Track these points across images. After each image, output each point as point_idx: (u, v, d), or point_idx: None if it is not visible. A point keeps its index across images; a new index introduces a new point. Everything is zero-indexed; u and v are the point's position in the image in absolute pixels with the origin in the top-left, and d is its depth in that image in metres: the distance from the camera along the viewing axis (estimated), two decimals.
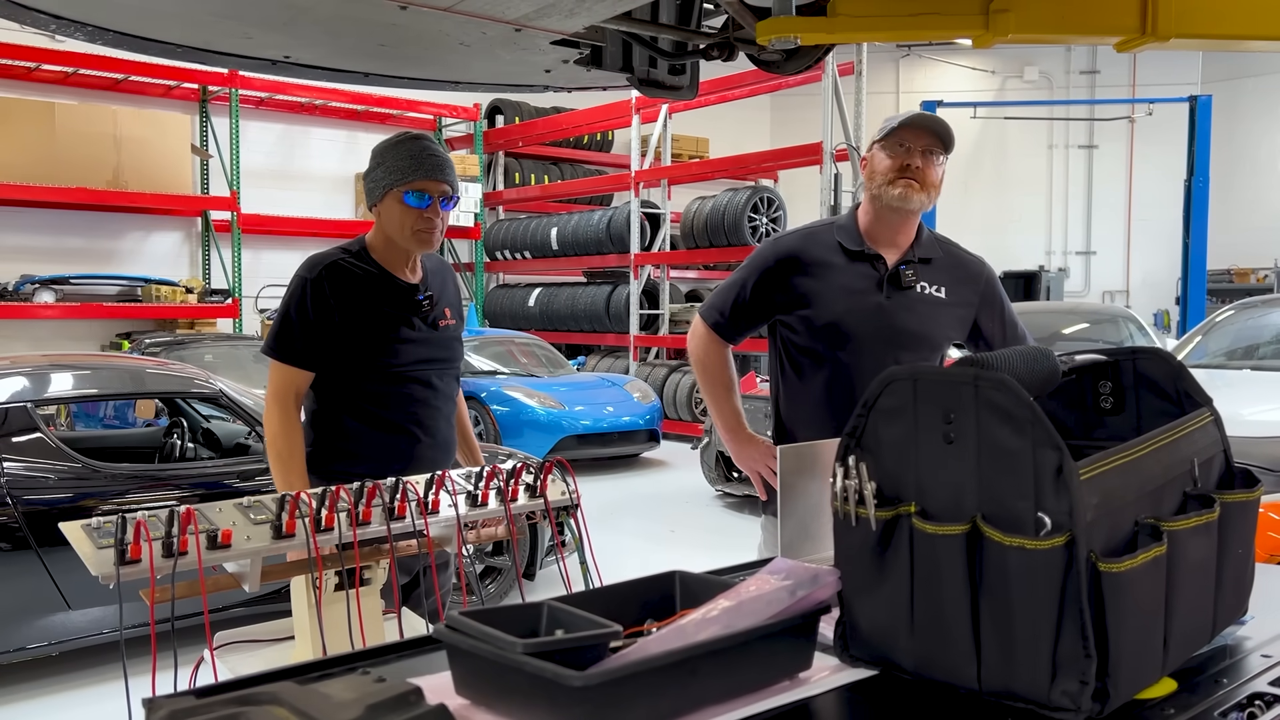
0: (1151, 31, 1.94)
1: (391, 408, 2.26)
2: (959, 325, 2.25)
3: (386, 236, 2.30)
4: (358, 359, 2.24)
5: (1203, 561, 0.91)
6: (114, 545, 1.55)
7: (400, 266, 2.32)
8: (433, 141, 2.36)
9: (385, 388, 2.25)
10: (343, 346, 2.22)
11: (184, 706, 0.85)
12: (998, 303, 2.30)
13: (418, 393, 2.28)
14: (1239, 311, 7.54)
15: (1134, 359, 1.09)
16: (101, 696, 3.89)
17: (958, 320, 2.24)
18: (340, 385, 2.26)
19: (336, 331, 2.21)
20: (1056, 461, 0.80)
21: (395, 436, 2.25)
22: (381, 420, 2.24)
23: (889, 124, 2.18)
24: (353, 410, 2.25)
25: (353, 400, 2.25)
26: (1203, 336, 7.25)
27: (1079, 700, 0.81)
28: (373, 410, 2.25)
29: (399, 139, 2.32)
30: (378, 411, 2.25)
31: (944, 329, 2.22)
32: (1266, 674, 0.93)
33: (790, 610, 0.92)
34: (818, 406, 2.20)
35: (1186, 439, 0.97)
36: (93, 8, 2.03)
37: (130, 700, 1.48)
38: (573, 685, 0.76)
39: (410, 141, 2.30)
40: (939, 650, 0.87)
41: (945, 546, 0.85)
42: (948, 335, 2.23)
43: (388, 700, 0.84)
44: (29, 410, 4.07)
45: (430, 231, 2.26)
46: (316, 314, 2.20)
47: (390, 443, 2.25)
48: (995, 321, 2.28)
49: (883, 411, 0.92)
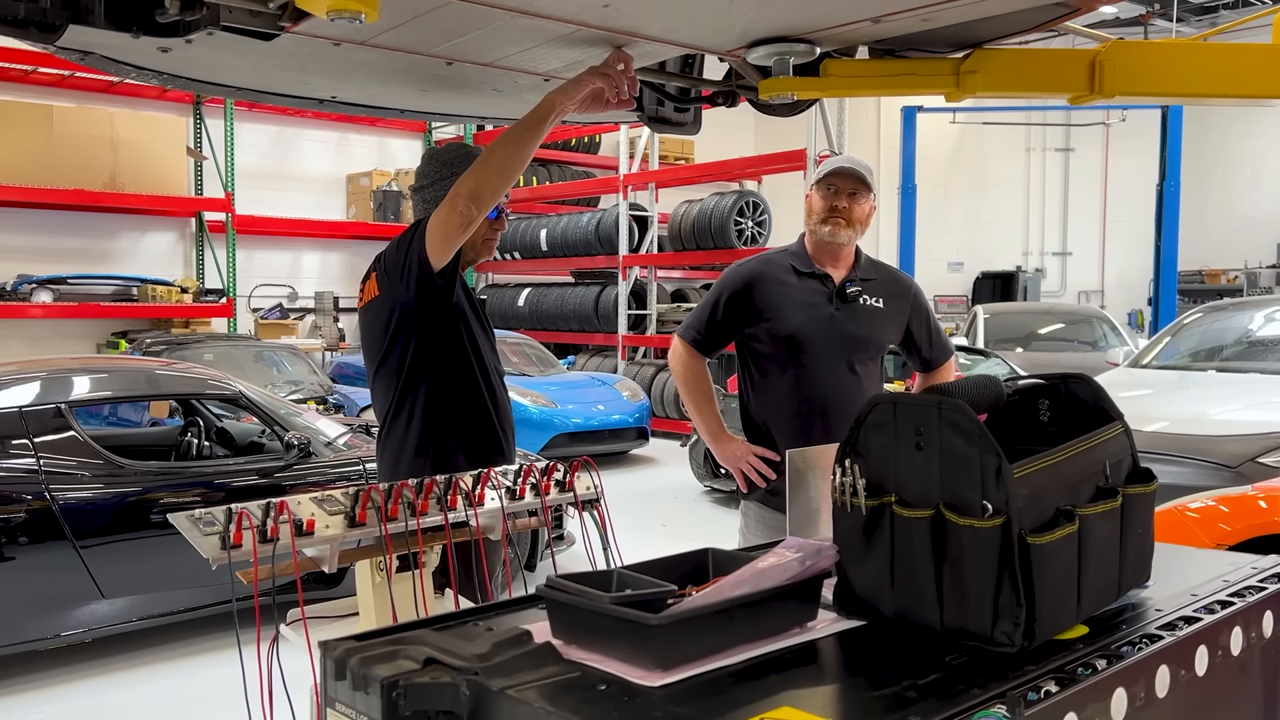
0: (1099, 90, 2.26)
1: (480, 408, 2.41)
2: (896, 331, 2.71)
3: None
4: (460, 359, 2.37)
5: (1107, 538, 1.22)
6: (219, 533, 1.82)
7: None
8: None
9: (476, 388, 2.40)
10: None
11: (353, 646, 1.14)
12: (924, 312, 2.78)
13: (499, 387, 2.47)
14: (1207, 314, 7.87)
15: (1065, 383, 1.40)
16: (133, 681, 4.12)
17: (895, 327, 2.70)
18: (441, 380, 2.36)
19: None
20: (996, 464, 1.11)
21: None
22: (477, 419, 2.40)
23: (821, 170, 2.63)
24: (458, 412, 2.37)
25: (453, 402, 2.37)
26: (1171, 337, 7.58)
27: (1013, 637, 1.11)
28: (471, 411, 2.39)
29: (465, 151, 2.40)
30: (474, 412, 2.39)
31: (885, 334, 2.68)
32: (1156, 621, 1.24)
33: (800, 575, 1.22)
34: (783, 403, 2.62)
35: (1100, 446, 1.28)
36: (175, 62, 2.30)
37: (243, 664, 1.76)
38: (650, 624, 1.06)
39: (477, 154, 2.36)
40: (912, 602, 1.18)
41: (917, 526, 1.16)
42: (888, 339, 2.71)
43: (506, 640, 1.13)
44: (63, 410, 4.30)
45: (497, 240, 2.46)
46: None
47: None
48: (922, 328, 2.76)
49: (871, 426, 1.23)
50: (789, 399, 2.61)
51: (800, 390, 2.59)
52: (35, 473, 4.06)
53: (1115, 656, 1.12)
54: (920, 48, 2.30)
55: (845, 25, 2.05)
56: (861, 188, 2.60)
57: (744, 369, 2.74)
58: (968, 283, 18.02)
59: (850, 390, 2.59)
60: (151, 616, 4.23)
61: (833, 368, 2.59)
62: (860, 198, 2.60)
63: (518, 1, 1.89)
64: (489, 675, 1.05)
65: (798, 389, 2.59)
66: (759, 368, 2.69)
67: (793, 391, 2.60)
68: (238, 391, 4.79)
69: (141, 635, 4.35)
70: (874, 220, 2.73)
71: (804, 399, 2.59)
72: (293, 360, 9.01)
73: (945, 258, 18.00)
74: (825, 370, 2.59)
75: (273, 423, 4.74)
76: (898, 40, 2.25)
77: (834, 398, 2.55)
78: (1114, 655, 1.12)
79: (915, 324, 2.75)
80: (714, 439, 2.72)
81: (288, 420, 4.77)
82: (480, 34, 2.09)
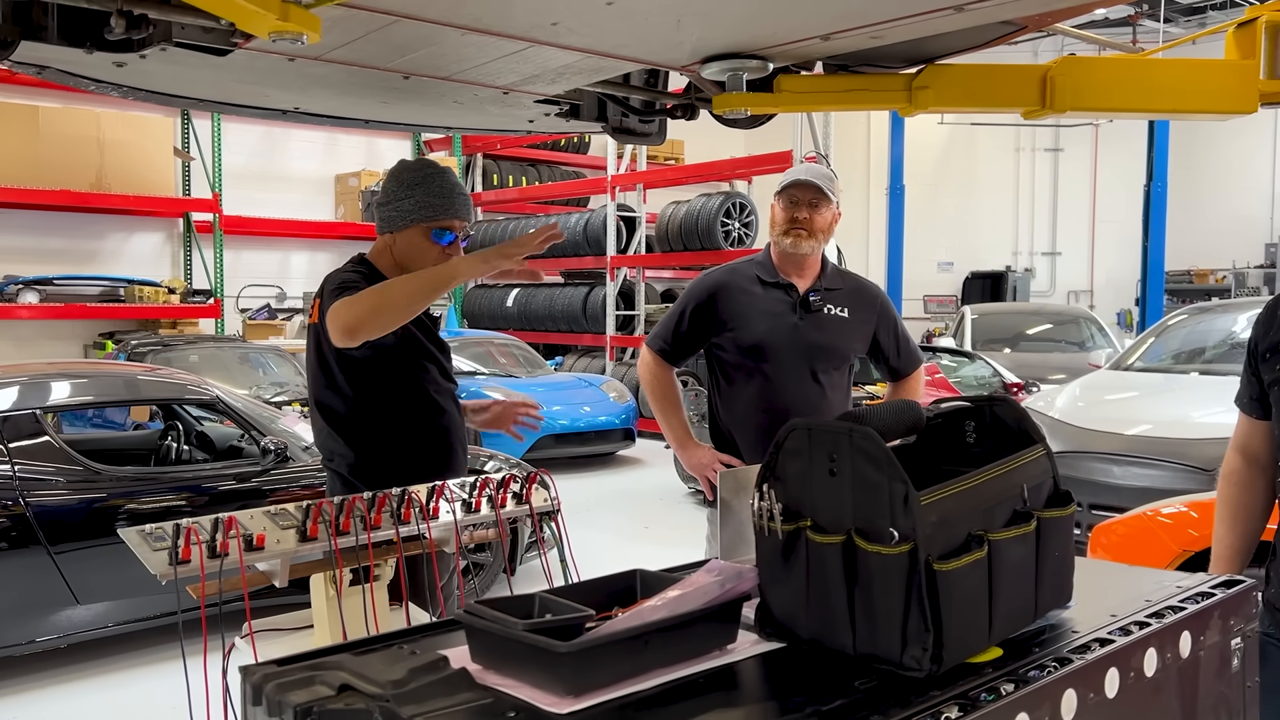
0: (1050, 105, 2.29)
1: (430, 422, 2.36)
2: (861, 340, 2.72)
3: (398, 262, 2.34)
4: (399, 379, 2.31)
5: (1021, 562, 1.24)
6: (168, 548, 1.83)
7: None
8: (455, 176, 2.40)
9: (421, 405, 2.35)
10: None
11: (273, 672, 1.16)
12: (891, 321, 2.77)
13: (450, 405, 2.42)
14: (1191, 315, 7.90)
15: (990, 405, 1.41)
16: (107, 686, 4.12)
17: (860, 336, 2.71)
18: (383, 403, 2.32)
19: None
20: (904, 491, 1.12)
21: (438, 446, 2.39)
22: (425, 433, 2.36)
23: (781, 182, 2.65)
24: (397, 429, 2.32)
25: (394, 418, 2.33)
26: (1155, 338, 7.60)
27: (922, 662, 1.13)
28: (416, 428, 2.34)
29: (427, 172, 2.34)
30: (420, 429, 2.35)
31: (849, 343, 2.69)
32: (1070, 644, 1.25)
33: (719, 599, 1.24)
34: (748, 412, 2.64)
35: (1020, 469, 1.30)
36: (132, 76, 2.31)
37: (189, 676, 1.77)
38: (559, 651, 1.08)
39: (439, 176, 2.34)
40: (826, 626, 1.19)
41: (830, 552, 1.18)
42: (853, 349, 2.71)
43: (423, 665, 1.15)
44: (37, 416, 4.30)
45: None
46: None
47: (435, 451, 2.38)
48: (890, 337, 2.76)
49: (788, 451, 1.24)
50: (754, 408, 2.64)
51: (765, 399, 2.62)
52: (10, 479, 4.06)
53: (1022, 681, 1.14)
54: (874, 63, 2.32)
55: (794, 42, 2.07)
56: (821, 198, 2.61)
57: (712, 378, 2.77)
58: (957, 283, 18.06)
59: (814, 399, 2.61)
60: (127, 622, 4.23)
61: (797, 377, 2.61)
62: (821, 207, 2.62)
63: (465, 19, 1.90)
64: (400, 702, 1.07)
65: (762, 398, 2.62)
66: (726, 377, 2.72)
67: (758, 400, 2.63)
68: (215, 396, 4.79)
69: (117, 641, 4.36)
70: (864, 221, 2.78)
71: (768, 408, 2.61)
72: (278, 361, 9.01)
73: (935, 258, 18.04)
74: (789, 379, 2.62)
75: (250, 427, 4.75)
76: (851, 56, 2.27)
77: (798, 407, 2.57)
78: (1021, 679, 1.14)
79: (882, 333, 2.76)
80: (681, 446, 2.75)
81: (265, 425, 4.78)
82: (433, 50, 2.11)
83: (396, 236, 2.33)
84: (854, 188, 14.72)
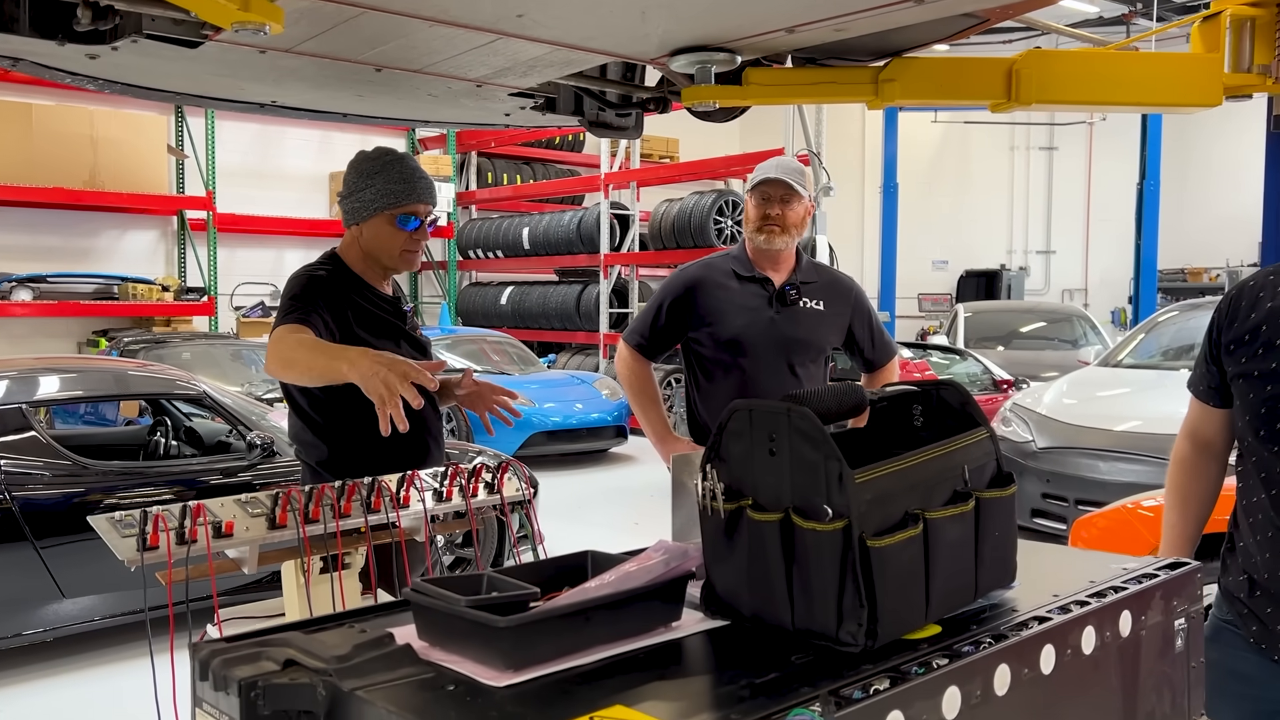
0: (1016, 98, 2.31)
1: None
2: (837, 333, 2.75)
3: (366, 254, 2.32)
4: None
5: (959, 540, 1.26)
6: (136, 535, 1.86)
7: (378, 281, 2.38)
8: (415, 160, 2.35)
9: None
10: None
11: (221, 648, 1.18)
12: (865, 313, 2.80)
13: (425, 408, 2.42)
14: (1181, 312, 7.93)
15: (937, 389, 1.44)
16: (93, 679, 4.15)
17: (836, 328, 2.74)
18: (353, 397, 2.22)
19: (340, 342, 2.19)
20: (839, 470, 1.14)
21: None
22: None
23: (752, 179, 2.68)
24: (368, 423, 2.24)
25: (364, 412, 2.22)
26: (1145, 335, 7.63)
27: (857, 637, 1.15)
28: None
29: (386, 160, 2.29)
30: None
31: (825, 336, 2.73)
32: (1009, 621, 1.27)
33: (664, 577, 1.26)
34: (726, 405, 2.62)
35: (961, 450, 1.32)
36: (106, 68, 2.33)
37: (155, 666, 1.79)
38: (498, 626, 1.10)
39: (398, 163, 2.29)
40: (766, 603, 1.22)
41: (769, 529, 1.20)
42: (829, 341, 2.74)
43: (368, 642, 1.17)
44: (23, 411, 4.32)
45: (417, 252, 2.33)
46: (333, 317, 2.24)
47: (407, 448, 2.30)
48: (864, 329, 2.79)
49: (731, 432, 1.26)
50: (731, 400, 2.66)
51: (742, 392, 2.64)
52: None
53: (956, 655, 1.16)
54: (842, 57, 2.34)
55: (760, 35, 2.09)
56: (792, 193, 2.64)
57: (689, 372, 2.80)
58: (952, 281, 18.09)
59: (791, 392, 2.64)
60: (113, 616, 4.25)
61: (774, 370, 2.64)
62: (793, 203, 2.66)
63: (432, 11, 1.92)
64: (342, 676, 1.09)
65: (740, 391, 2.64)
66: (704, 371, 2.74)
67: (735, 394, 2.65)
68: (202, 391, 4.81)
69: (103, 634, 4.38)
70: (859, 219, 2.82)
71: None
72: None
73: (929, 256, 18.07)
74: (767, 373, 2.65)
75: (237, 422, 4.77)
76: (819, 49, 2.29)
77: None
78: (954, 654, 1.16)
79: (857, 325, 2.79)
80: (659, 440, 2.78)
81: (252, 420, 4.80)
82: (402, 42, 2.13)
83: (363, 228, 2.30)
84: (848, 186, 14.73)
